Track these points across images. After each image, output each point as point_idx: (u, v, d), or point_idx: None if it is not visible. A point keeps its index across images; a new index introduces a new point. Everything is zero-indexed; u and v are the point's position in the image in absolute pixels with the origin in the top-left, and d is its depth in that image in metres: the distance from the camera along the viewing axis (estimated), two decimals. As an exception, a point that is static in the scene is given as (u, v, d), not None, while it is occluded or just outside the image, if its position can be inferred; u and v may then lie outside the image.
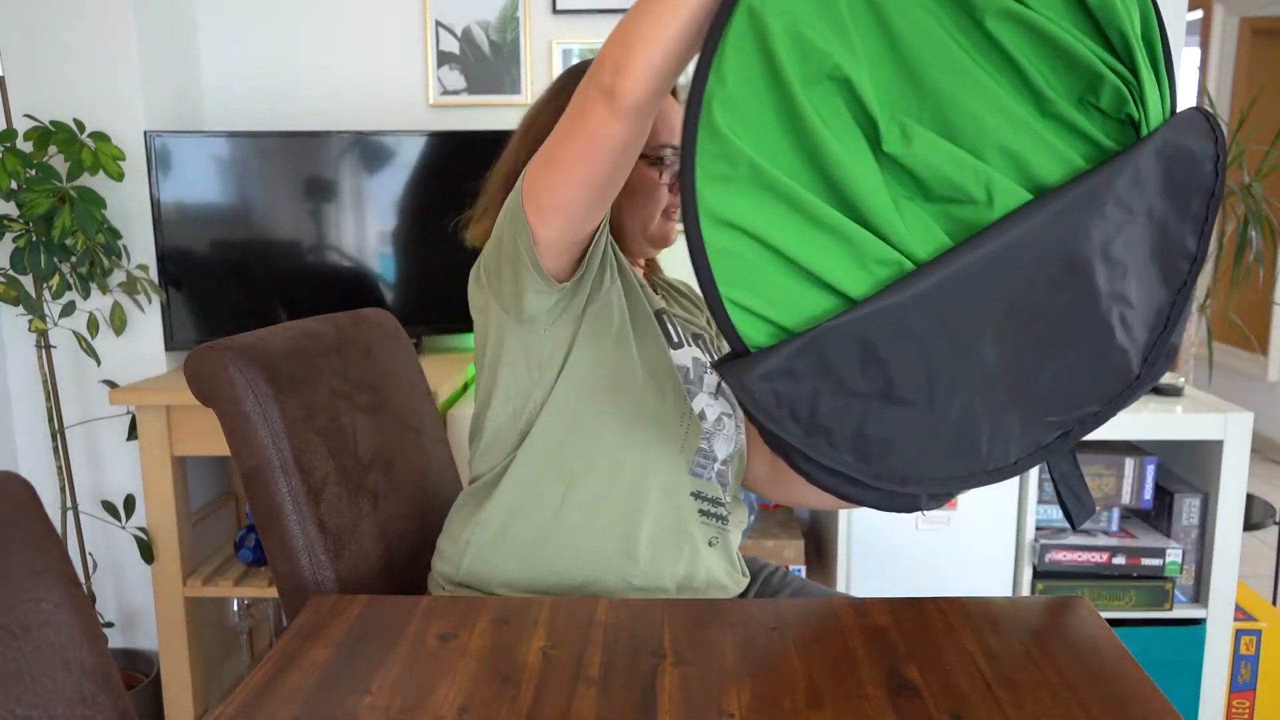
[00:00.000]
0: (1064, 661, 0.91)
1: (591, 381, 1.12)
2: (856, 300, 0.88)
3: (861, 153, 0.88)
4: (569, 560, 1.12)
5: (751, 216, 0.88)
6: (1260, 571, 3.17)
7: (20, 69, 2.03)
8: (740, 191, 0.88)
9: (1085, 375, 0.95)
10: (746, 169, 0.87)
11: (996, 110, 0.88)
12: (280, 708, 0.84)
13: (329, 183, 2.11)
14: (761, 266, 0.89)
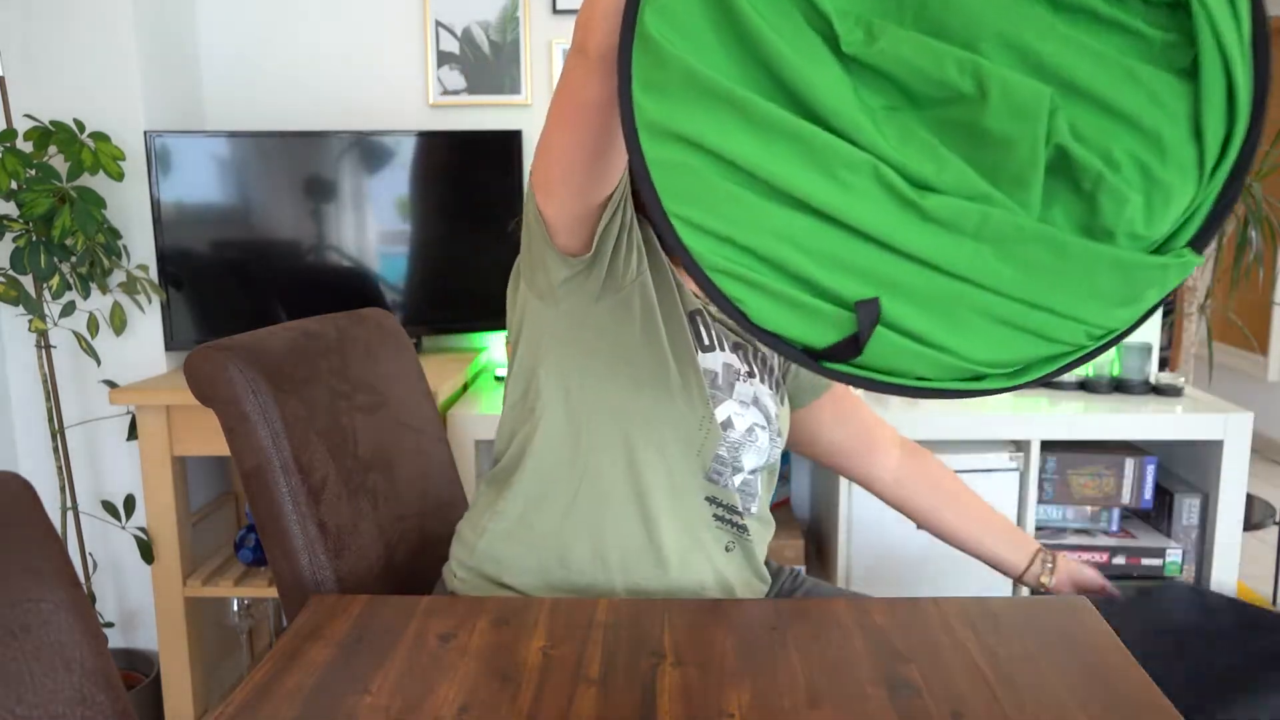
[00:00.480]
0: (1064, 661, 0.91)
1: (606, 372, 1.11)
2: (824, 211, 0.79)
3: (819, 58, 0.79)
4: (581, 554, 1.12)
5: (693, 124, 0.80)
6: (1260, 571, 3.17)
7: (20, 69, 2.03)
8: (679, 99, 0.80)
9: None
10: (681, 74, 0.80)
11: (990, 3, 0.77)
12: (280, 708, 0.84)
13: (329, 183, 2.11)
14: (710, 178, 0.81)
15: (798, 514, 2.35)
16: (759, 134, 0.79)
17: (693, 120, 0.80)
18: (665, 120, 0.81)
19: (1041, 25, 0.77)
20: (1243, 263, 2.66)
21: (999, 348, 0.84)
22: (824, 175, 0.78)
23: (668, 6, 0.80)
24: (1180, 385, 1.97)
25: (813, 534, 2.29)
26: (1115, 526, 1.96)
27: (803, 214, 0.80)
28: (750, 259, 0.83)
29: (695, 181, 0.81)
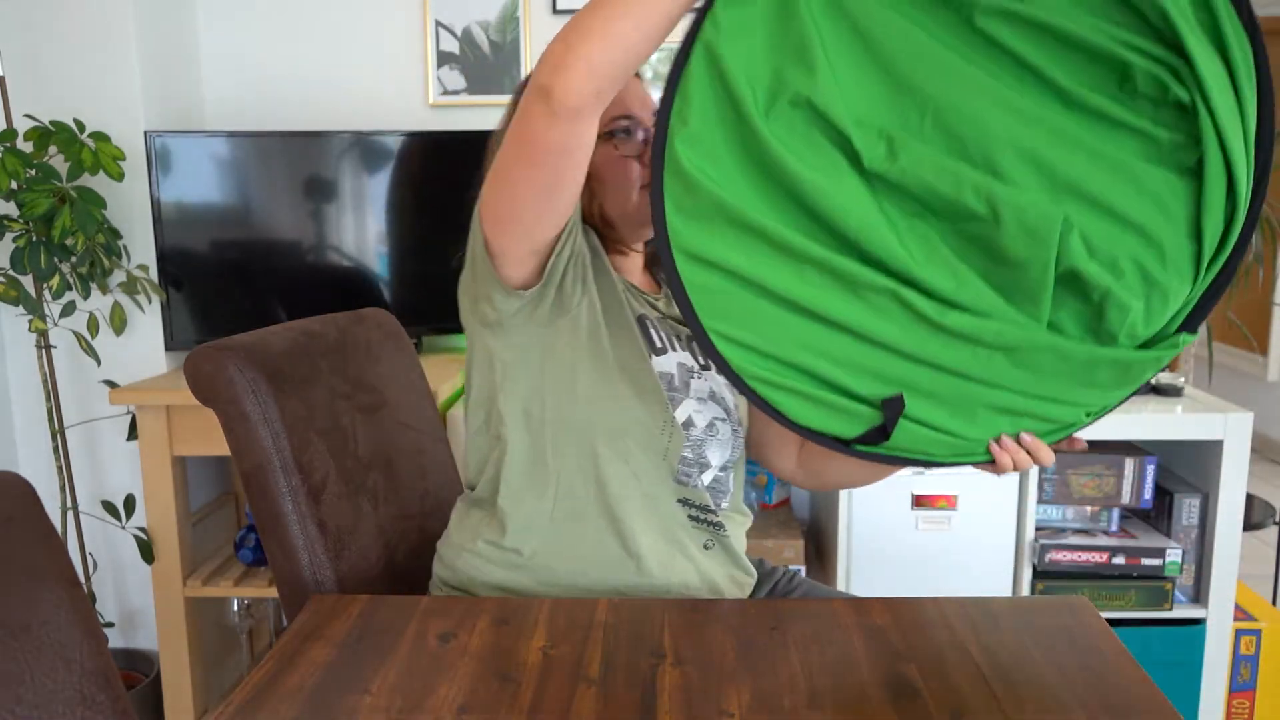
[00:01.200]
0: (1064, 661, 0.91)
1: (563, 391, 1.10)
2: (851, 329, 0.88)
3: (842, 174, 0.87)
4: (562, 571, 1.12)
5: (725, 252, 0.89)
6: (1260, 571, 3.17)
7: (20, 69, 2.03)
8: (712, 228, 0.89)
9: None
10: (712, 205, 0.88)
11: (1004, 110, 0.84)
12: (280, 708, 0.84)
13: (329, 183, 2.11)
14: (744, 300, 0.90)
15: (798, 514, 2.35)
16: (789, 262, 0.88)
17: (726, 248, 0.89)
18: (700, 248, 0.89)
19: (1054, 131, 0.84)
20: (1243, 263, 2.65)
21: (1005, 430, 0.93)
22: (851, 297, 0.88)
23: (697, 137, 0.87)
24: (1180, 385, 1.97)
25: (812, 534, 2.29)
26: (1115, 526, 1.96)
27: (832, 330, 0.89)
28: (785, 368, 0.91)
29: (730, 302, 0.90)
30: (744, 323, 0.91)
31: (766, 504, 2.26)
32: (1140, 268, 0.85)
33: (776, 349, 0.91)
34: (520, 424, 1.12)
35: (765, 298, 0.89)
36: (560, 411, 1.10)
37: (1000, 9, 0.84)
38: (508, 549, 1.13)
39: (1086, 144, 0.84)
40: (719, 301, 0.91)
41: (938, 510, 1.91)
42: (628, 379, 1.10)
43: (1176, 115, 0.84)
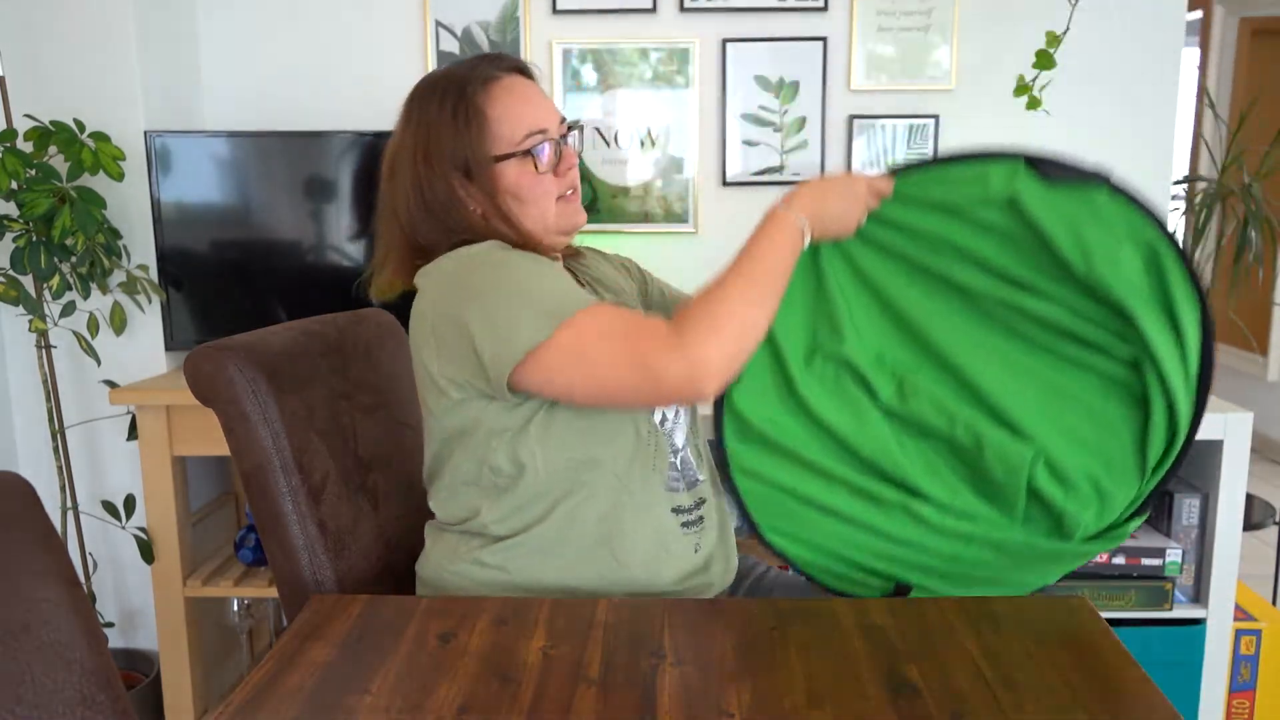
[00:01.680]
0: (1064, 661, 0.91)
1: (552, 430, 1.09)
2: (874, 529, 1.15)
3: (863, 410, 1.15)
4: (556, 578, 1.12)
5: (774, 471, 1.17)
6: (1260, 571, 3.17)
7: (20, 69, 2.03)
8: (762, 452, 1.17)
9: None
10: (761, 436, 1.16)
11: (991, 355, 1.13)
12: (280, 708, 0.84)
13: (329, 183, 2.11)
14: (787, 505, 1.17)
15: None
16: (823, 480, 1.16)
17: (774, 469, 1.17)
18: (750, 465, 1.17)
19: (1032, 375, 1.12)
20: (1242, 263, 2.66)
21: (986, 591, 1.18)
22: (873, 506, 1.15)
23: (749, 383, 1.15)
24: (1180, 385, 1.97)
25: (813, 534, 2.28)
26: (1115, 526, 1.95)
27: (858, 529, 1.16)
28: (826, 555, 1.19)
29: (777, 508, 1.18)
30: (791, 522, 1.18)
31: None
32: (1093, 481, 1.10)
33: (817, 540, 1.18)
34: (514, 473, 1.11)
35: (807, 505, 1.16)
36: (555, 449, 1.10)
37: (993, 298, 1.12)
38: (491, 566, 1.12)
39: (1056, 384, 1.11)
40: (771, 507, 1.18)
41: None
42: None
43: (1131, 350, 1.08)
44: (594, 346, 1.00)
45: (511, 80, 1.14)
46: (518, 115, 1.12)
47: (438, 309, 1.08)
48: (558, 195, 1.15)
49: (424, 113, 1.13)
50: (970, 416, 1.12)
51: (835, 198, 1.10)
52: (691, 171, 2.28)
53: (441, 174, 1.11)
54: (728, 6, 2.22)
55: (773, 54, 2.24)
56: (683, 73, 2.25)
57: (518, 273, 1.05)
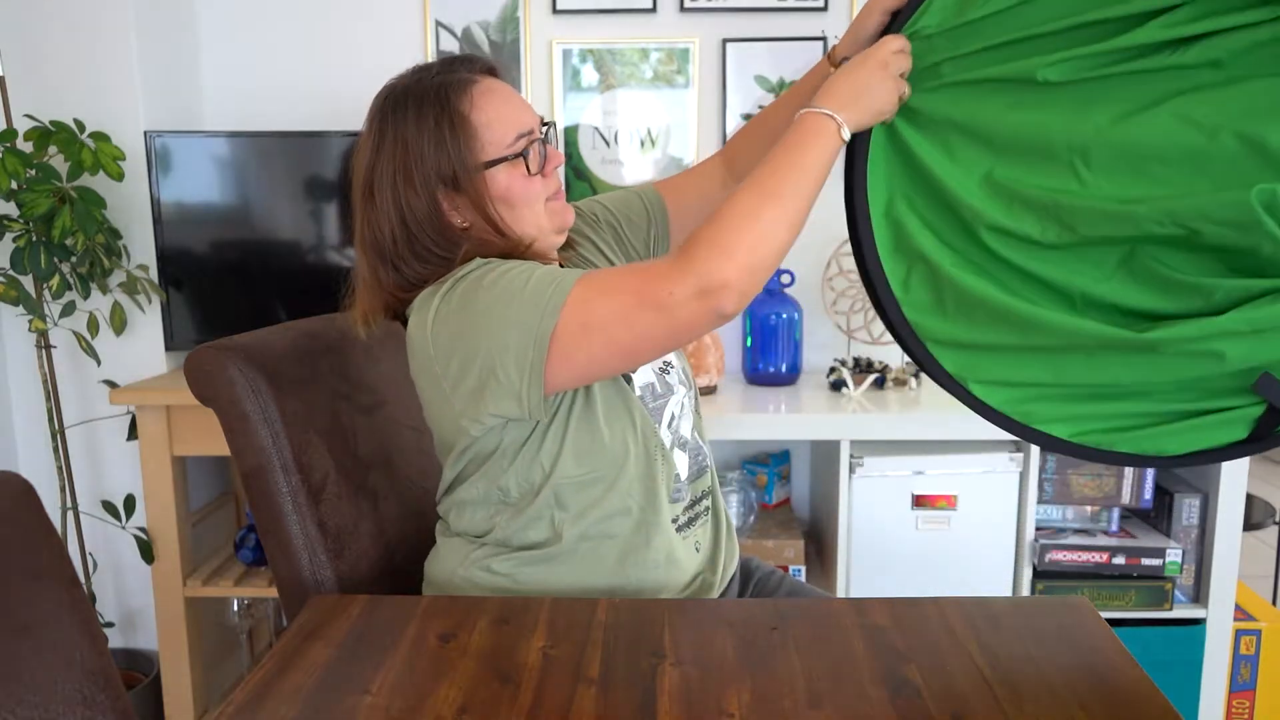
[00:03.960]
0: (1064, 661, 0.91)
1: (562, 452, 1.09)
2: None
3: (1037, 266, 1.02)
4: (563, 587, 1.12)
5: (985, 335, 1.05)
6: (1260, 571, 3.17)
7: (20, 69, 2.03)
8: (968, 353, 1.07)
9: None
10: (960, 346, 1.06)
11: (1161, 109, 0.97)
12: (280, 708, 0.84)
13: (329, 183, 2.11)
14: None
15: (798, 514, 2.35)
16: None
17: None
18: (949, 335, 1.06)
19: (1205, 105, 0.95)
20: None
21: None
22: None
23: (921, 307, 1.06)
24: (1180, 385, 1.97)
25: (813, 534, 2.29)
26: (1115, 526, 1.96)
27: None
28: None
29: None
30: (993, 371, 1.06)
31: (766, 504, 2.26)
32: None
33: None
34: (528, 491, 1.10)
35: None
36: (571, 468, 1.09)
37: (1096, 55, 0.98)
38: (501, 574, 1.12)
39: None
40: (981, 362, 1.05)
41: (938, 510, 1.91)
42: (615, 419, 1.10)
43: None
44: (600, 310, 0.97)
45: (488, 82, 1.10)
46: (504, 118, 1.09)
47: (446, 360, 1.04)
48: (546, 196, 1.12)
49: (399, 127, 1.06)
50: (1161, 194, 0.95)
51: (862, 75, 1.03)
52: (691, 171, 2.28)
53: (425, 191, 1.06)
54: (728, 6, 2.22)
55: (773, 54, 2.24)
56: (683, 73, 2.25)
57: (504, 286, 1.02)
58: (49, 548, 0.87)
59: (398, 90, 1.09)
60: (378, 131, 1.08)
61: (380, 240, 1.08)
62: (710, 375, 2.10)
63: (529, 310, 0.99)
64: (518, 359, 1.00)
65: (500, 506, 1.12)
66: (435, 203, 1.07)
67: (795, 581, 1.32)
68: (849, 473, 1.90)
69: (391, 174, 1.06)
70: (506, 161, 1.08)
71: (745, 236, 0.95)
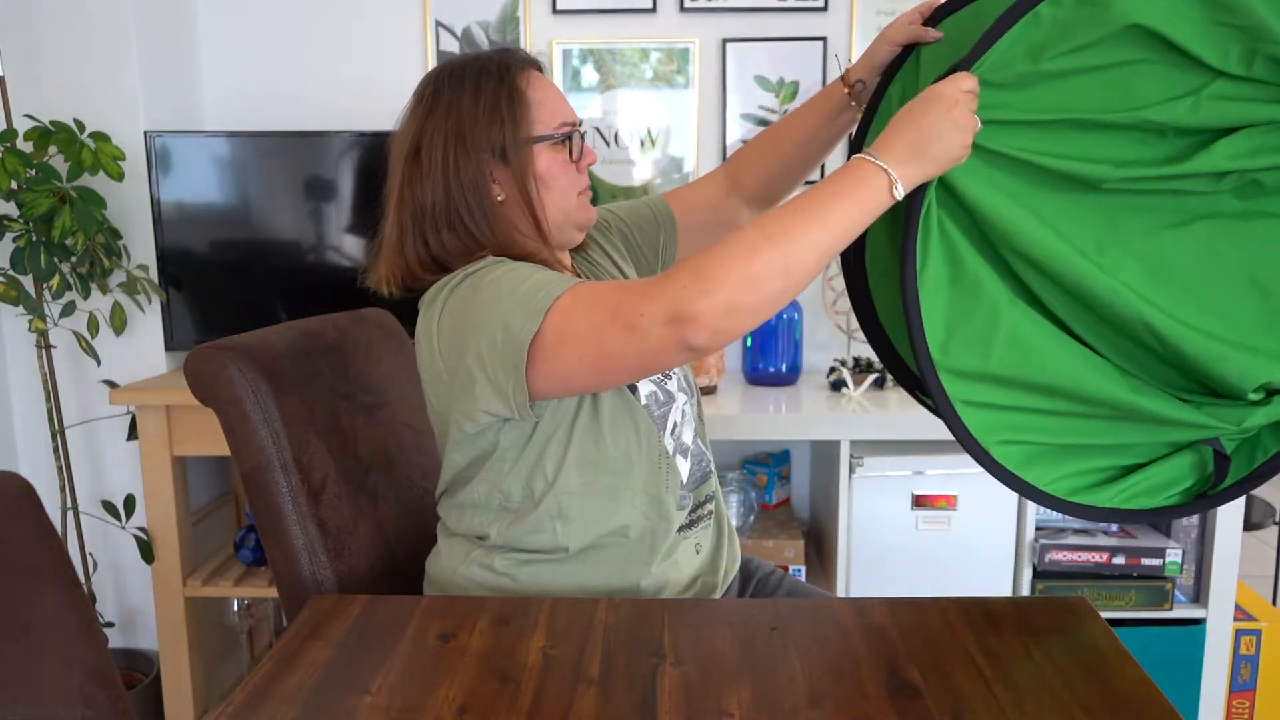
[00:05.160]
0: (1064, 661, 0.91)
1: (567, 459, 1.09)
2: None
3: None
4: (567, 590, 1.12)
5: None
6: (1260, 571, 3.17)
7: (20, 69, 2.03)
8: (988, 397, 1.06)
9: None
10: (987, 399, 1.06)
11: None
12: (280, 708, 0.84)
13: (329, 183, 2.11)
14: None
15: (798, 514, 2.35)
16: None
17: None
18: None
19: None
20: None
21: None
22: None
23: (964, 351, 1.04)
24: (1180, 385, 1.97)
25: (813, 534, 2.29)
26: (1115, 526, 1.96)
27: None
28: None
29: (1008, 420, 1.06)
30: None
31: (766, 504, 2.26)
32: None
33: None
34: (524, 496, 1.11)
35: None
36: (572, 476, 1.09)
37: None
38: (501, 573, 1.12)
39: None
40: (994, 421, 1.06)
41: (938, 510, 1.91)
42: (618, 427, 1.10)
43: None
44: (579, 322, 0.97)
45: (538, 74, 1.15)
46: (555, 103, 1.13)
47: (447, 352, 1.06)
48: (580, 189, 1.15)
49: (456, 96, 1.09)
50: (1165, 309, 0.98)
51: (930, 120, 0.95)
52: (691, 171, 2.28)
53: (475, 157, 1.09)
54: (728, 6, 2.22)
55: (773, 54, 2.24)
56: (683, 73, 2.25)
57: (504, 284, 1.03)
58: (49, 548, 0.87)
59: (455, 64, 1.13)
60: (431, 97, 1.11)
61: (420, 202, 1.10)
62: (710, 375, 2.10)
63: (517, 311, 0.99)
64: (503, 359, 1.00)
65: (501, 512, 1.12)
66: (482, 172, 1.09)
67: (795, 581, 1.32)
68: (849, 473, 1.90)
69: (444, 137, 1.09)
70: (551, 142, 1.11)
71: (732, 273, 0.91)
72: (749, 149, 1.33)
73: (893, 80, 1.16)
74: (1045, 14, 0.94)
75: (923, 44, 1.12)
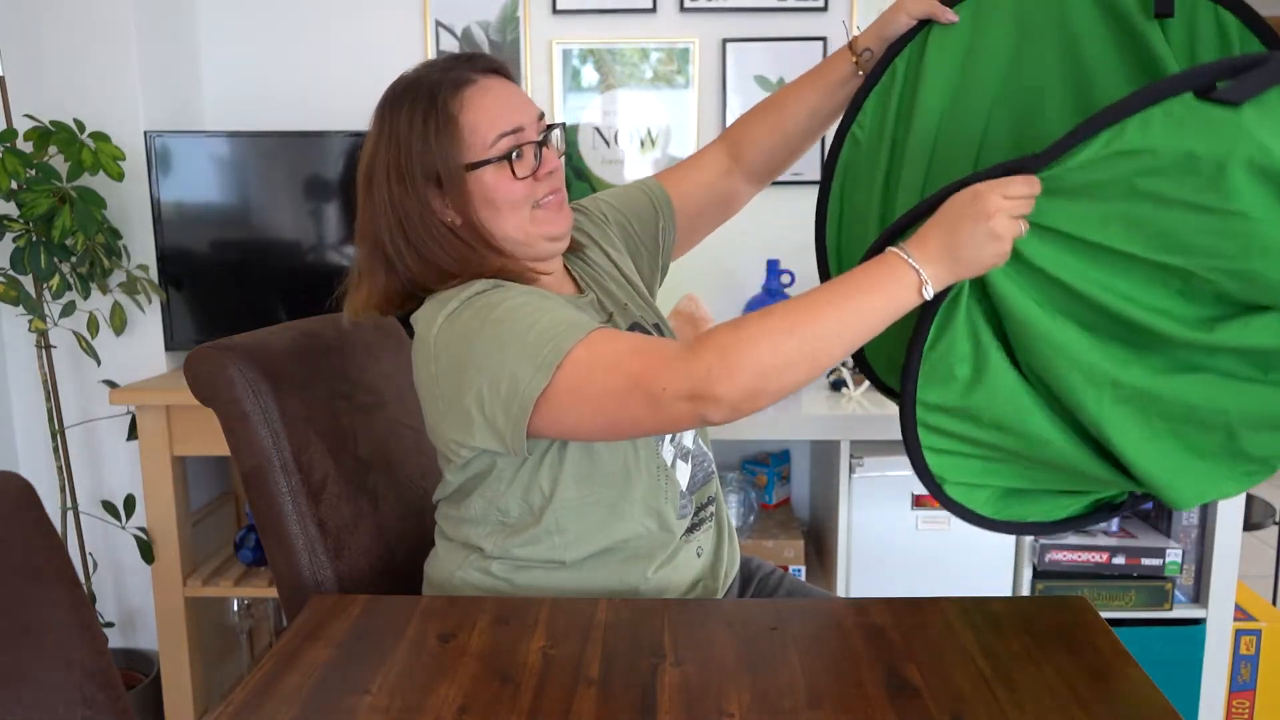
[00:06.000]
0: (1064, 661, 0.91)
1: (562, 475, 1.08)
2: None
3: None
4: (568, 591, 1.12)
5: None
6: (1260, 571, 3.17)
7: (20, 69, 2.03)
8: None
9: None
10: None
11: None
12: (280, 708, 0.84)
13: (329, 183, 2.11)
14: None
15: (798, 514, 2.35)
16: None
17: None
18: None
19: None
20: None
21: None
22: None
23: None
24: (1180, 385, 1.97)
25: (813, 534, 2.29)
26: (1115, 526, 1.96)
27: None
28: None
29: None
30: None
31: (766, 504, 2.26)
32: None
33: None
34: (522, 512, 1.10)
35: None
36: (563, 493, 1.08)
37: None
38: (499, 577, 1.12)
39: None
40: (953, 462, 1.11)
41: (938, 510, 1.90)
42: (615, 445, 1.09)
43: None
44: (594, 381, 0.95)
45: (488, 81, 1.07)
46: (490, 119, 1.05)
47: (445, 382, 1.03)
48: (536, 200, 1.08)
49: (395, 123, 1.05)
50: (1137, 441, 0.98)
51: (965, 227, 0.92)
52: (691, 171, 2.28)
53: (414, 189, 1.05)
54: (728, 6, 2.22)
55: (773, 54, 2.24)
56: (683, 73, 2.25)
57: (511, 321, 0.99)
58: (49, 548, 0.87)
59: (402, 84, 1.08)
60: (379, 123, 1.07)
61: (377, 234, 1.07)
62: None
63: (525, 362, 0.97)
64: (505, 406, 0.98)
65: (499, 526, 1.11)
66: (426, 201, 1.06)
67: (795, 581, 1.32)
68: (849, 473, 1.90)
69: (386, 168, 1.06)
70: (490, 164, 1.05)
71: (758, 362, 0.91)
72: (748, 124, 1.29)
73: (898, 54, 1.14)
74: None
75: (937, 22, 1.10)
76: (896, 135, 1.15)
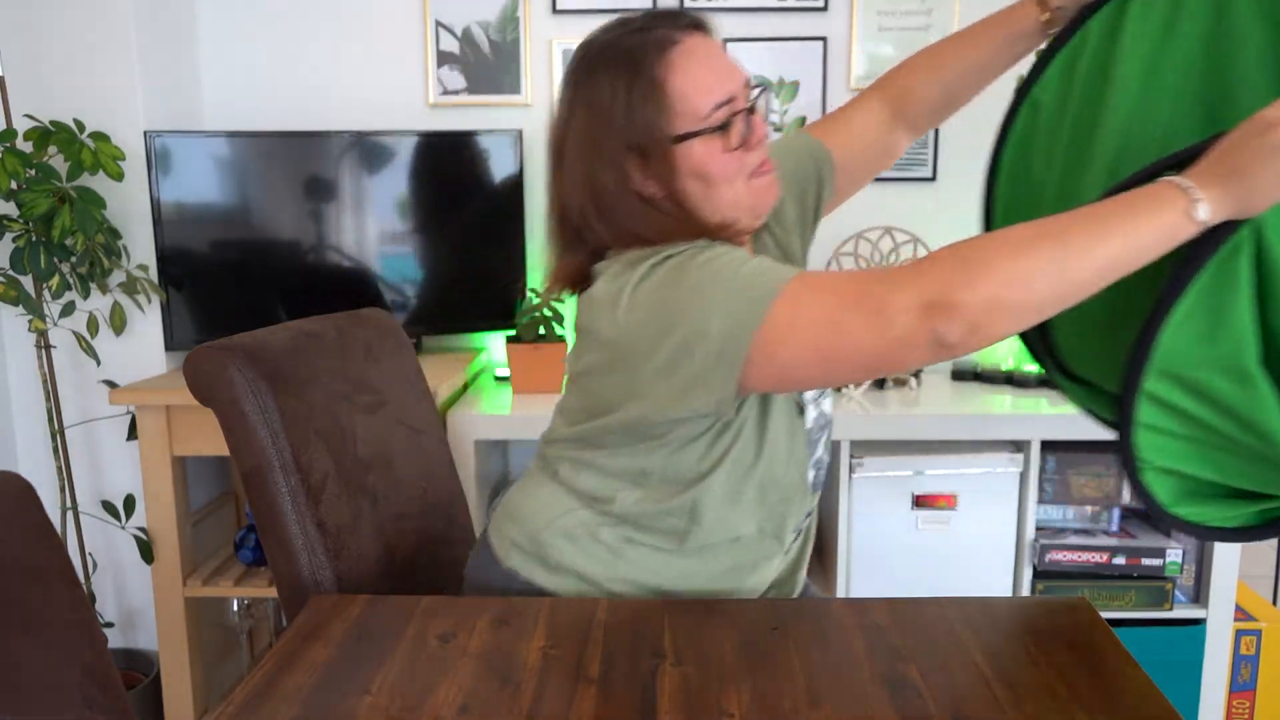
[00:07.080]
0: (1064, 661, 0.90)
1: (724, 467, 1.03)
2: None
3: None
4: (661, 582, 1.09)
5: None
6: (1260, 571, 3.17)
7: (20, 69, 2.03)
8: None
9: None
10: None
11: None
12: (280, 708, 0.84)
13: (329, 183, 2.11)
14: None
15: (798, 514, 2.35)
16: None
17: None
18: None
19: None
20: None
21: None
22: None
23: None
24: (1180, 385, 1.97)
25: (813, 534, 2.29)
26: (1115, 526, 1.96)
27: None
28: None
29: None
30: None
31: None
32: None
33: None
34: (665, 480, 1.05)
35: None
36: (709, 479, 1.04)
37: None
38: (620, 555, 1.07)
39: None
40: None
41: (938, 510, 1.91)
42: (779, 442, 1.05)
43: None
44: (812, 307, 0.88)
45: (693, 41, 0.98)
46: (703, 86, 0.97)
47: (642, 334, 0.95)
48: (750, 173, 1.00)
49: (591, 91, 0.98)
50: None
51: (1253, 145, 0.80)
52: (691, 171, 2.28)
53: (613, 162, 0.98)
54: (728, 6, 2.22)
55: (773, 54, 2.24)
56: (683, 73, 2.25)
57: (718, 269, 0.93)
58: (49, 548, 0.87)
59: (596, 47, 1.00)
60: (571, 92, 1.01)
61: (568, 209, 1.02)
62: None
63: (738, 300, 0.90)
64: (718, 352, 0.91)
65: (632, 487, 1.05)
66: (624, 175, 0.98)
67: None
68: (849, 473, 1.90)
69: (580, 141, 0.99)
70: (702, 135, 0.97)
71: (1003, 265, 0.81)
72: (909, 74, 1.19)
73: (1095, 14, 1.00)
74: None
75: None
76: (1084, 106, 1.02)
